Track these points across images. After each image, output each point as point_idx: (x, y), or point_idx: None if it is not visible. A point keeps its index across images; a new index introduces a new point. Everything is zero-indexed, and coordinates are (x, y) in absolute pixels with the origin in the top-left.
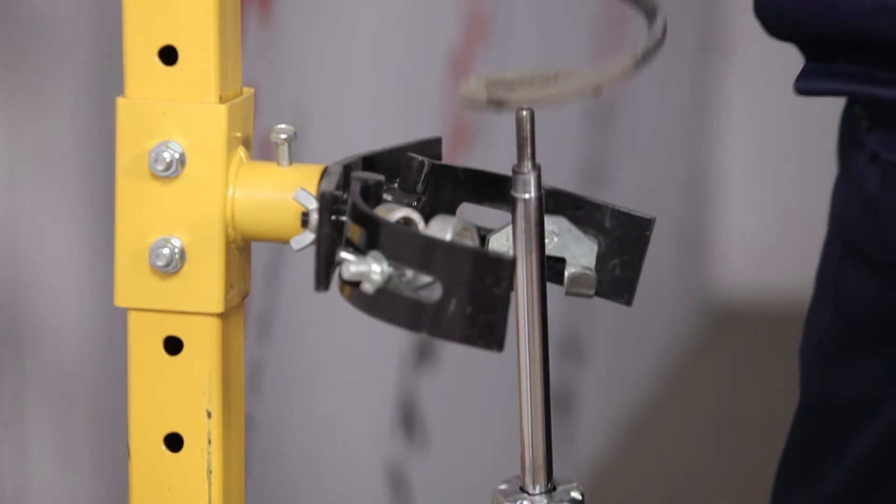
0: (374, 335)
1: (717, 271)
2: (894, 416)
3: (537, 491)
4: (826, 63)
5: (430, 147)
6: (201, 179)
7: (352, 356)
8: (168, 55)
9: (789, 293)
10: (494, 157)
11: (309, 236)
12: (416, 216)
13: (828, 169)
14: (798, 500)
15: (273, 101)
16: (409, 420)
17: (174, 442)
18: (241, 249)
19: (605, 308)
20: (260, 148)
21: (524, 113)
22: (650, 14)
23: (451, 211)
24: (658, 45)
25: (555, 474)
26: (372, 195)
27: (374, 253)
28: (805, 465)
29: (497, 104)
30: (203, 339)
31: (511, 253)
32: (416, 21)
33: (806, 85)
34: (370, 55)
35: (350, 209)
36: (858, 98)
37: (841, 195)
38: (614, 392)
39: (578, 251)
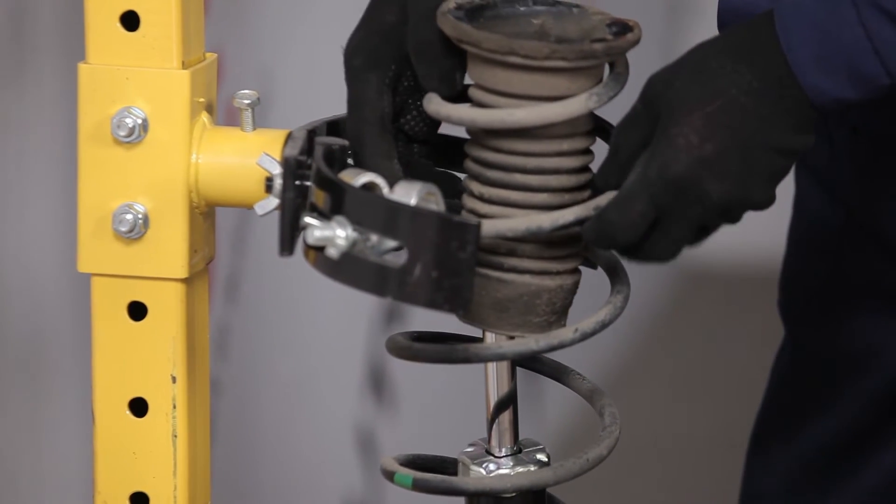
0: (343, 299)
1: None
2: (889, 367)
3: (503, 453)
4: None
5: None
6: (164, 145)
7: (320, 320)
8: (130, 20)
9: (757, 253)
10: None
11: (273, 201)
12: (380, 181)
13: None
14: (781, 449)
15: (239, 67)
16: (377, 383)
17: (139, 407)
18: (205, 215)
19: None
20: (226, 114)
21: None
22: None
23: (415, 176)
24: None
25: (521, 437)
26: (336, 160)
27: (339, 218)
28: (793, 413)
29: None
30: (167, 305)
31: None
32: None
33: None
34: (337, 19)
35: (314, 174)
36: None
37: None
38: (583, 352)
39: None
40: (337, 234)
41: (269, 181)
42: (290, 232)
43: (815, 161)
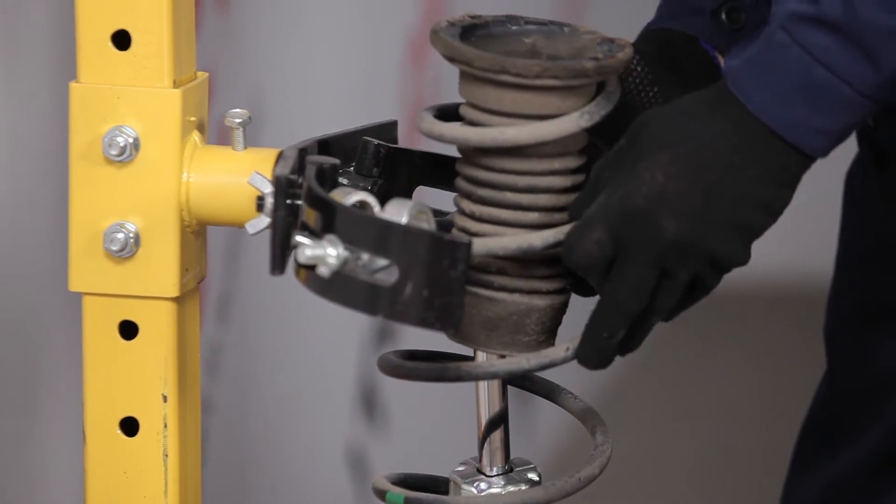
0: (335, 318)
1: None
2: None
3: (494, 472)
4: None
5: (386, 130)
6: (155, 164)
7: (312, 339)
8: (121, 40)
9: (755, 273)
10: None
11: (264, 220)
12: (371, 200)
13: None
14: (819, 468)
15: (230, 86)
16: (369, 403)
17: (130, 426)
18: (197, 234)
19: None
20: (218, 133)
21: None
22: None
23: (407, 194)
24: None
25: (513, 456)
26: (327, 179)
27: (330, 236)
28: (828, 437)
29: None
30: (158, 324)
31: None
32: (374, 4)
33: None
34: (328, 39)
35: (305, 193)
36: None
37: (862, 189)
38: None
39: None
40: (328, 253)
41: (261, 200)
42: (281, 251)
43: (851, 182)
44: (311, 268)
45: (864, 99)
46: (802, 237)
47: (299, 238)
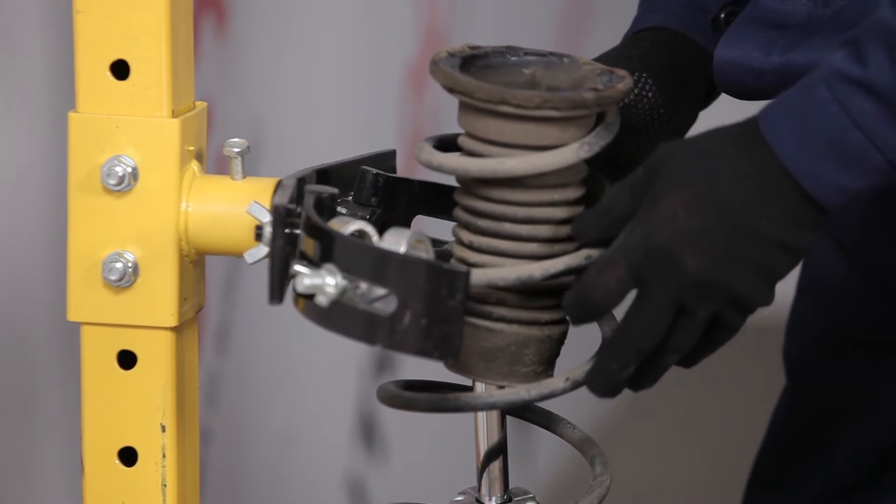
0: (334, 347)
1: None
2: (888, 415)
3: (493, 502)
4: None
5: (385, 160)
6: (154, 193)
7: (311, 369)
8: (120, 69)
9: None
10: None
11: (263, 249)
12: (370, 229)
13: None
14: (778, 496)
15: (230, 116)
16: (368, 432)
17: (128, 456)
18: (195, 263)
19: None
20: (217, 162)
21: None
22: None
23: (405, 224)
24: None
25: (511, 486)
26: (326, 208)
27: (329, 266)
28: (790, 458)
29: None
30: (157, 353)
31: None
32: (373, 34)
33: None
34: (327, 68)
35: (304, 222)
36: None
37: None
38: (574, 402)
39: None
40: (326, 282)
41: (259, 229)
42: (279, 280)
43: None
44: (309, 297)
45: (892, 168)
46: None
47: (298, 267)
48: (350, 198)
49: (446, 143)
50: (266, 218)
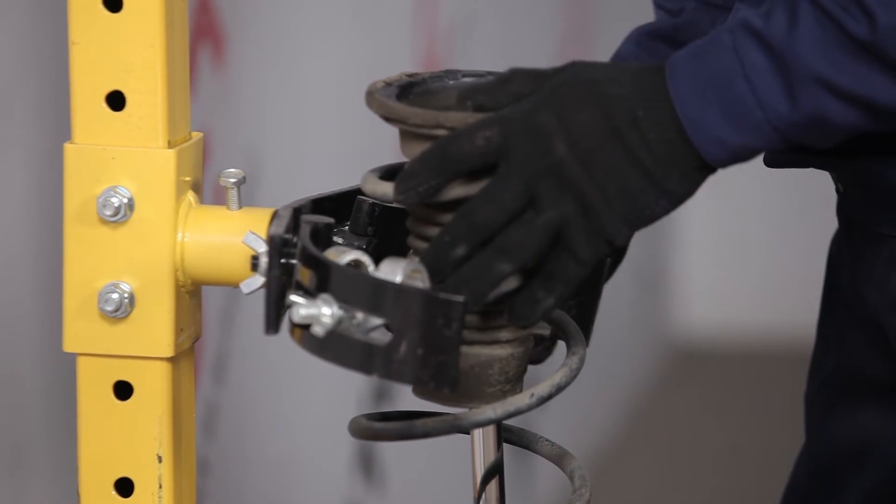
0: (332, 377)
1: (676, 311)
2: (892, 461)
3: None
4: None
5: None
6: (150, 224)
7: (309, 398)
8: (115, 100)
9: (748, 332)
10: None
11: (259, 280)
12: (365, 259)
13: (784, 208)
14: None
15: (227, 146)
16: (366, 461)
17: (124, 487)
18: (192, 293)
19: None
20: (214, 192)
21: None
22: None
23: (402, 253)
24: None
25: None
26: (322, 238)
27: (325, 296)
28: (814, 501)
29: None
30: (153, 384)
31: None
32: (370, 64)
33: (772, 157)
34: (324, 98)
35: (300, 252)
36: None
37: (839, 258)
38: (575, 431)
39: None
40: (322, 312)
41: (255, 259)
42: (275, 310)
43: (832, 249)
44: (305, 327)
45: (772, 129)
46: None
47: (294, 297)
48: (346, 227)
49: (393, 172)
50: (262, 248)
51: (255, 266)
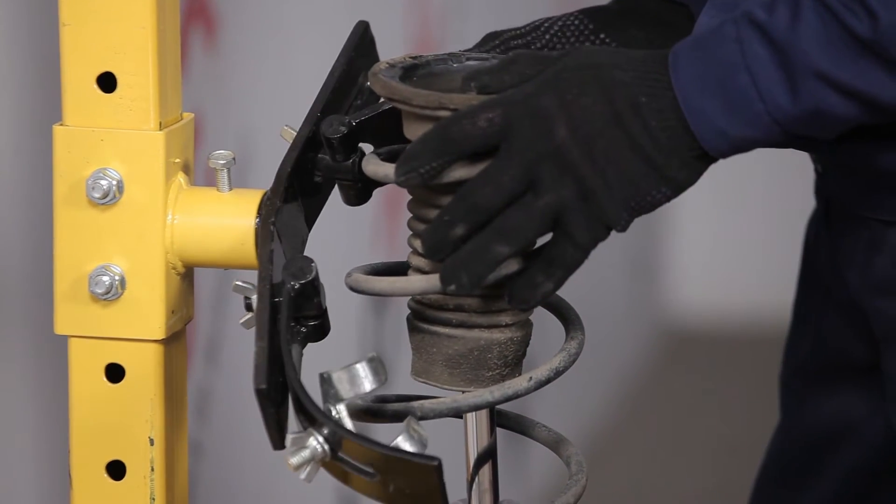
0: (325, 358)
1: (671, 296)
2: (871, 442)
3: None
4: None
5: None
6: (140, 206)
7: (303, 380)
8: (106, 82)
9: (742, 316)
10: None
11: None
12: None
13: (777, 193)
14: None
15: (219, 127)
16: None
17: (117, 470)
18: (183, 275)
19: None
20: (205, 174)
21: None
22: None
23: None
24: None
25: (502, 498)
26: (306, 299)
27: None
28: (782, 487)
29: None
30: (145, 366)
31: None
32: None
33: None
34: (317, 80)
35: (293, 397)
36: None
37: (815, 240)
38: (569, 416)
39: None
40: (314, 445)
41: (248, 300)
42: (277, 428)
43: (808, 232)
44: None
45: (772, 121)
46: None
47: (289, 435)
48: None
49: (395, 155)
50: (253, 294)
51: (248, 307)
